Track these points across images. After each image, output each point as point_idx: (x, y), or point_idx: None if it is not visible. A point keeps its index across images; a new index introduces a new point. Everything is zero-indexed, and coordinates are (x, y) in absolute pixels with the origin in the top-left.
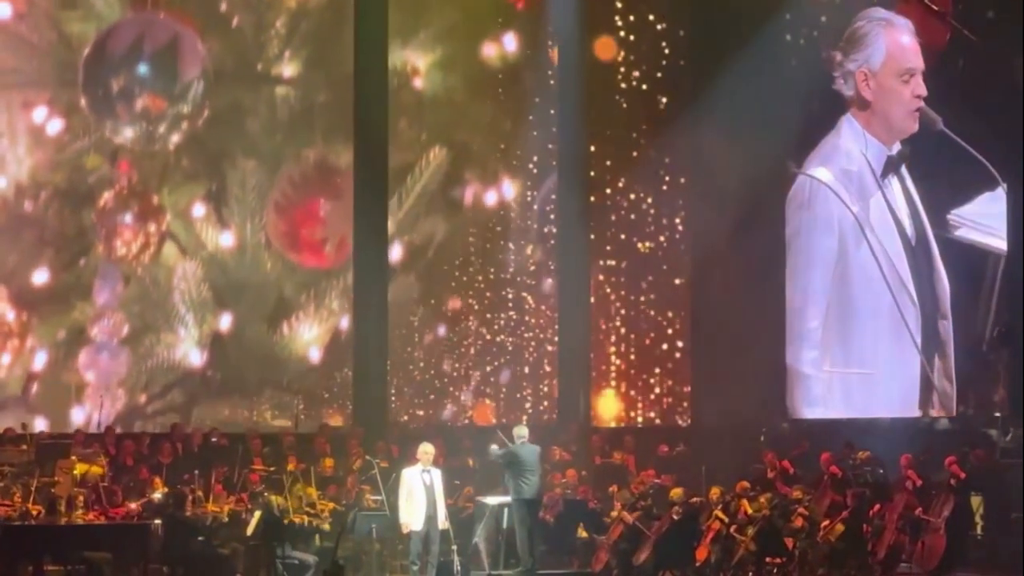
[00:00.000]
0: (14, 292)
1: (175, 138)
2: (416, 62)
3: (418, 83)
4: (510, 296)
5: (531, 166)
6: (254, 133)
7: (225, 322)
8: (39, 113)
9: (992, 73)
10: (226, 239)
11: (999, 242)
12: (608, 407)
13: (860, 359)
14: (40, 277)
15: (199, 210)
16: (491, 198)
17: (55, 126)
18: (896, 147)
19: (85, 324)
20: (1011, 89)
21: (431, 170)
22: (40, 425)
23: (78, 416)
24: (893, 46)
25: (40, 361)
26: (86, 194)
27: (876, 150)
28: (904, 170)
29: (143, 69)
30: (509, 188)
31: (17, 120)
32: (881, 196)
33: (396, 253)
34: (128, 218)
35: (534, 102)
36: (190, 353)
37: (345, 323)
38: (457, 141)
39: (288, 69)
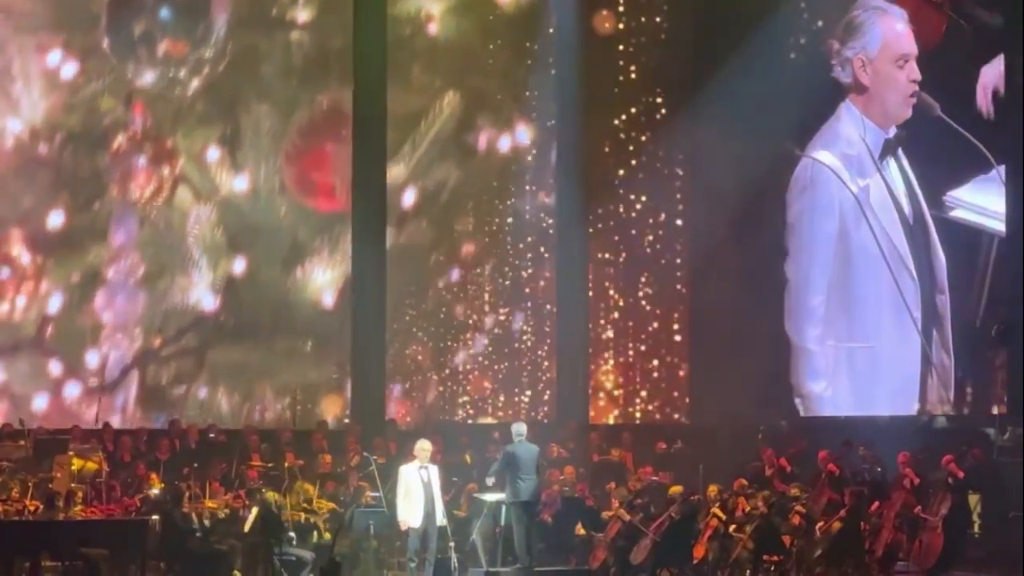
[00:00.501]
0: (29, 234)
1: (196, 83)
2: (430, 8)
3: (432, 28)
4: (510, 276)
5: (535, 104)
6: (268, 77)
7: (239, 266)
8: (53, 56)
9: (988, 60)
10: (240, 183)
11: (993, 223)
12: (607, 380)
13: (862, 333)
14: (55, 220)
15: (213, 154)
16: (504, 144)
17: (69, 69)
18: (892, 131)
19: (100, 267)
20: (1009, 78)
21: (444, 116)
22: (56, 368)
23: (92, 359)
24: (889, 33)
25: (55, 303)
26: (100, 137)
27: (874, 134)
28: (901, 153)
29: (166, 13)
30: (523, 134)
31: (31, 63)
32: (880, 178)
33: (409, 199)
34: (142, 161)
35: (547, 48)
36: (204, 297)
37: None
38: (471, 87)
39: (303, 14)
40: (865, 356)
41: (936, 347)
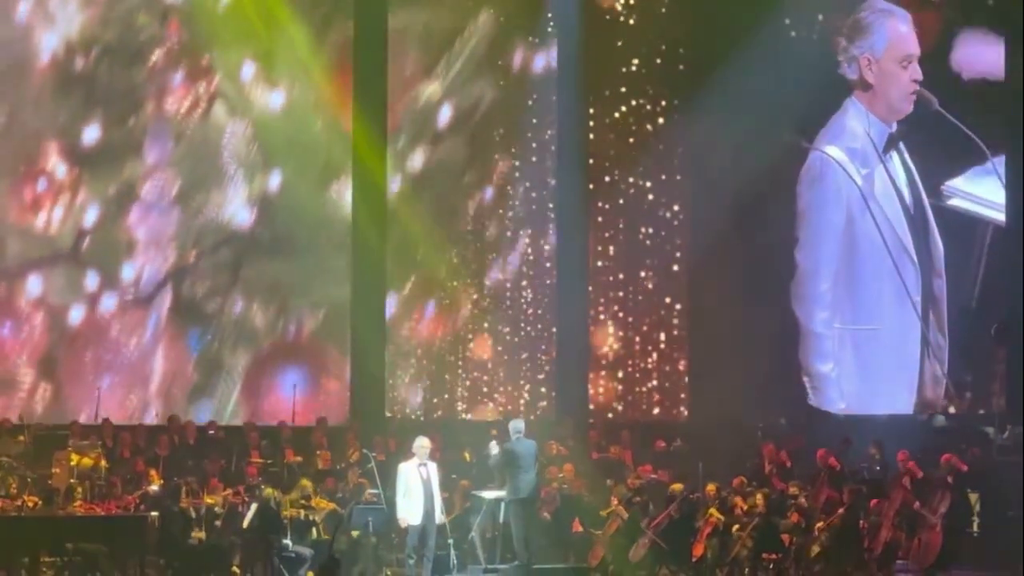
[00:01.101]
0: (66, 149)
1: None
2: None
3: None
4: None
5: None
6: None
7: (274, 182)
8: None
9: (987, 55)
10: (276, 99)
11: (989, 211)
12: (606, 376)
13: (867, 317)
14: (91, 135)
15: (248, 70)
16: (539, 63)
17: None
18: (895, 125)
19: (135, 182)
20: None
21: (479, 34)
22: (92, 280)
23: (128, 272)
24: (894, 34)
25: (91, 217)
26: (136, 52)
27: (878, 128)
28: (902, 146)
29: None
30: (556, 55)
31: None
32: (883, 169)
33: (444, 116)
34: (178, 77)
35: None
36: (239, 212)
37: (395, 184)
38: (506, 5)
39: None
40: (869, 338)
41: (933, 329)
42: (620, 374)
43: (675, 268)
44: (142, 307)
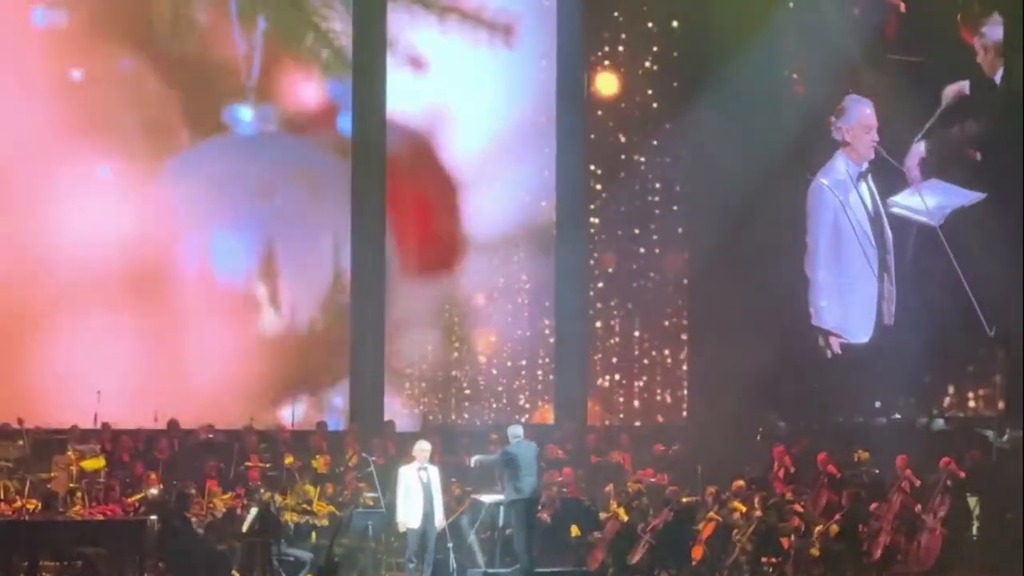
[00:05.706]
0: None
1: None
2: None
3: None
4: None
5: None
6: None
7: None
8: None
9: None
10: None
11: (915, 216)
12: (605, 381)
13: (847, 274)
14: None
15: None
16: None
17: None
18: (864, 166)
19: None
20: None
21: None
22: None
23: None
24: (862, 114)
25: None
26: None
27: (853, 168)
28: (869, 177)
29: None
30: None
31: None
32: (855, 192)
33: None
34: None
35: None
36: None
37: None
38: None
39: None
40: (848, 285)
41: (885, 281)
42: (619, 378)
43: (677, 277)
44: None
